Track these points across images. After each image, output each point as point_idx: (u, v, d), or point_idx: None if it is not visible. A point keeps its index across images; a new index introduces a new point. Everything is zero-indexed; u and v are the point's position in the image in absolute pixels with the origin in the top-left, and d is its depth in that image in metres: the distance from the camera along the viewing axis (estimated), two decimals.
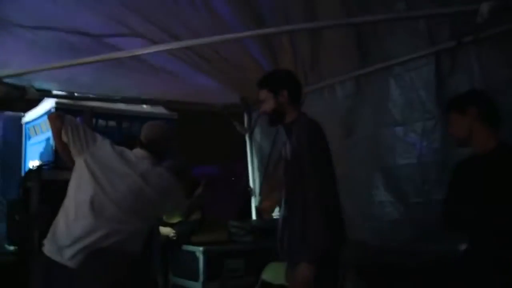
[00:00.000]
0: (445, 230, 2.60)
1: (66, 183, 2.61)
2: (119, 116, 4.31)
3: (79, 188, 2.53)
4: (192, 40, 3.26)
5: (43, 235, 2.51)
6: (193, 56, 3.79)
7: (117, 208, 2.48)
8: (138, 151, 2.71)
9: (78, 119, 3.01)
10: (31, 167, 3.20)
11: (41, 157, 3.96)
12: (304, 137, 2.38)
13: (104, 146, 2.64)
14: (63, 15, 3.02)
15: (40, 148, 4.09)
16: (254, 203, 5.11)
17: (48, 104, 4.01)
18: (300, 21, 3.18)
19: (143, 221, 2.61)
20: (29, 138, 4.45)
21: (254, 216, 5.04)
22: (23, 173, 4.00)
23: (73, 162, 2.65)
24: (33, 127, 4.36)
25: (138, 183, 2.55)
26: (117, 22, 3.21)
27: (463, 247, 2.35)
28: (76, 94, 4.13)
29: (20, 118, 4.61)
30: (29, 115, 4.43)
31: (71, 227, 2.42)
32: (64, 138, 2.61)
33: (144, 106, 4.70)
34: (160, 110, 4.83)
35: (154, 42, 3.36)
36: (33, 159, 4.20)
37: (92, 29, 3.31)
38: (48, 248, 2.40)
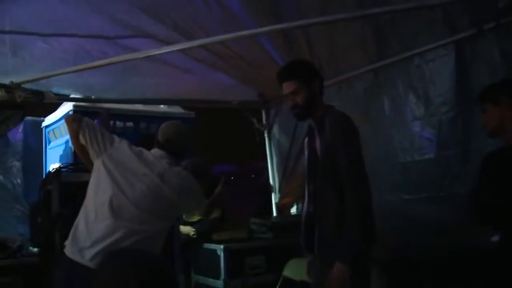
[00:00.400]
0: (474, 222, 2.53)
1: (85, 184, 2.63)
2: (136, 116, 4.30)
3: (98, 190, 2.54)
4: (206, 38, 3.25)
5: (65, 236, 2.53)
6: (207, 54, 3.78)
7: (136, 209, 2.49)
8: (156, 151, 2.72)
9: (96, 121, 3.03)
10: (50, 170, 3.23)
11: (61, 160, 3.99)
12: (339, 132, 2.33)
13: (121, 147, 2.65)
14: (76, 19, 3.04)
15: (60, 151, 4.13)
16: (274, 199, 5.09)
17: (66, 107, 4.05)
18: (314, 15, 3.14)
19: (163, 221, 2.60)
20: (49, 142, 4.50)
21: (274, 213, 5.03)
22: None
23: (91, 164, 2.67)
24: (53, 131, 4.40)
25: (156, 183, 2.54)
26: (130, 25, 3.22)
27: (495, 238, 2.31)
28: (93, 97, 4.17)
29: (40, 122, 4.67)
30: (49, 119, 4.47)
31: (91, 228, 2.44)
32: (82, 141, 2.63)
33: (161, 106, 4.70)
34: (177, 109, 4.81)
35: (167, 43, 3.36)
36: (53, 162, 4.25)
37: (106, 32, 3.32)
38: (69, 250, 2.42)
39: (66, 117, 2.83)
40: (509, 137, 2.24)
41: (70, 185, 2.98)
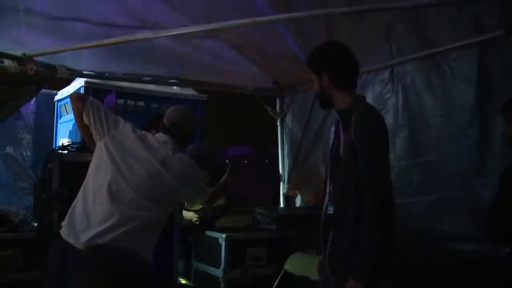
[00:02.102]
0: (488, 236, 2.46)
1: (87, 165, 2.58)
2: (148, 96, 4.28)
3: (98, 172, 2.49)
4: (222, 22, 3.17)
5: (62, 216, 2.50)
6: (223, 39, 3.70)
7: (135, 194, 2.43)
8: (160, 136, 2.65)
9: (105, 101, 2.98)
10: (53, 148, 3.20)
11: (70, 136, 3.99)
12: (364, 130, 2.07)
13: (125, 130, 2.59)
14: (87, 6, 2.98)
15: (70, 126, 4.12)
16: (282, 189, 5.03)
17: (78, 83, 4.02)
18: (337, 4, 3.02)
19: (162, 207, 2.54)
20: (61, 116, 4.49)
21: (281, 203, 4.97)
22: None
23: (94, 145, 2.61)
24: (65, 105, 4.40)
25: (157, 169, 2.48)
26: (142, 12, 3.15)
27: (506, 250, 2.25)
28: (106, 74, 4.12)
29: (53, 96, 4.66)
30: (61, 93, 4.46)
31: (88, 211, 2.39)
32: (85, 120, 2.57)
33: (174, 87, 4.64)
34: (189, 91, 4.76)
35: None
36: (64, 137, 4.25)
37: (117, 21, 3.26)
38: (64, 231, 2.37)
39: (71, 95, 2.78)
40: None
41: (72, 164, 2.94)
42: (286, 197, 4.98)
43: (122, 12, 3.10)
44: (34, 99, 4.67)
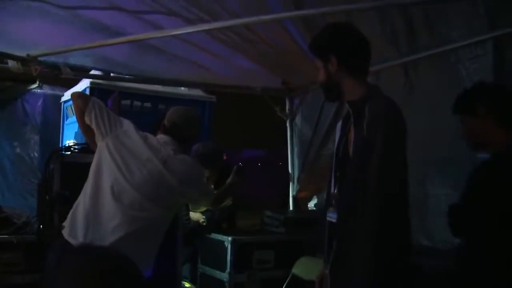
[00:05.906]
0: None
1: (89, 166, 2.55)
2: (155, 97, 4.23)
3: (100, 172, 2.47)
4: (230, 20, 3.11)
5: (64, 218, 2.47)
6: (233, 37, 3.63)
7: (137, 194, 2.41)
8: (161, 137, 2.62)
9: (109, 102, 2.94)
10: (53, 149, 3.15)
11: (76, 137, 3.95)
12: (378, 128, 1.80)
13: (128, 130, 2.57)
14: None
15: (76, 127, 4.08)
16: (291, 191, 4.94)
17: (84, 83, 3.99)
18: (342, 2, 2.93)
19: (164, 209, 2.51)
20: (67, 117, 4.46)
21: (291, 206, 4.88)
22: None
23: (95, 145, 2.58)
24: (70, 106, 4.36)
25: (159, 169, 2.45)
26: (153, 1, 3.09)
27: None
28: (112, 75, 4.06)
29: (59, 97, 4.64)
30: (67, 95, 4.43)
31: (90, 212, 2.39)
32: (87, 120, 2.55)
33: (182, 88, 4.58)
34: (198, 92, 4.70)
35: (191, 21, 3.22)
36: (70, 138, 4.22)
37: (129, 6, 3.20)
38: (66, 231, 2.38)
39: (72, 94, 2.76)
40: (495, 151, 2.03)
41: (74, 165, 2.90)
42: (295, 198, 4.89)
43: None
44: (41, 100, 4.66)
